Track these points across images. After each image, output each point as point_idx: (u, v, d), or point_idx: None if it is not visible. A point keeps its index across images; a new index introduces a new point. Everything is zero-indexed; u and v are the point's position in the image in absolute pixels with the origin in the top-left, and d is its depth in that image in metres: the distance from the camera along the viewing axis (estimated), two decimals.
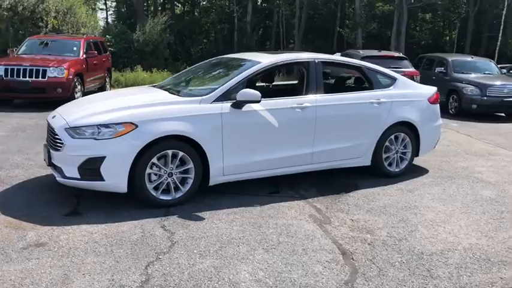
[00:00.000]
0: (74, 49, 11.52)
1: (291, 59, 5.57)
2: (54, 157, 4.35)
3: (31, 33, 15.32)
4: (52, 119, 4.64)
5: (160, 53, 22.10)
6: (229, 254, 3.48)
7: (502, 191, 5.33)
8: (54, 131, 4.36)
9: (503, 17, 23.30)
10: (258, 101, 4.57)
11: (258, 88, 5.65)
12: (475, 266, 3.47)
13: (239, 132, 4.61)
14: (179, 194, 4.42)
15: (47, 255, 3.33)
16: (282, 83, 7.11)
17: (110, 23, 34.55)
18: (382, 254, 3.60)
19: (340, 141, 5.23)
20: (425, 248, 3.72)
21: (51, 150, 4.39)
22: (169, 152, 4.30)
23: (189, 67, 6.55)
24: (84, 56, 11.46)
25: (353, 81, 6.51)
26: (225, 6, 32.96)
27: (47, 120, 4.75)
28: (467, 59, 13.74)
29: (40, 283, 2.97)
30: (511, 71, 17.68)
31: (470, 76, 12.21)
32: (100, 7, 37.92)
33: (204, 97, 4.56)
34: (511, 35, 29.85)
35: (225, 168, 4.57)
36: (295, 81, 6.72)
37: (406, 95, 5.72)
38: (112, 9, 38.78)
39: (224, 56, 6.24)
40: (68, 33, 16.28)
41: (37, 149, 6.09)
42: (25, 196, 4.56)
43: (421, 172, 5.98)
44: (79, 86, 10.79)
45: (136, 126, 4.16)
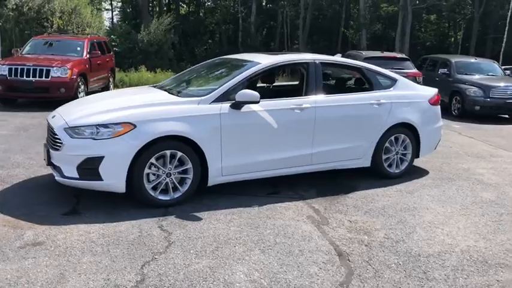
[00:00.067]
0: (78, 49, 11.58)
1: (291, 60, 5.58)
2: (54, 157, 4.37)
3: (36, 33, 15.39)
4: (52, 118, 4.66)
5: (164, 53, 22.15)
6: (226, 255, 3.49)
7: (502, 193, 5.30)
8: (54, 131, 4.38)
9: (508, 18, 23.11)
10: (257, 101, 4.57)
11: (259, 89, 5.67)
12: (472, 268, 3.46)
13: (238, 132, 4.61)
14: (177, 194, 4.43)
15: (44, 255, 3.35)
16: (283, 84, 7.11)
17: (115, 23, 34.68)
18: (378, 255, 3.60)
19: (339, 142, 5.22)
20: (422, 250, 3.71)
21: (51, 150, 4.41)
22: (168, 152, 4.31)
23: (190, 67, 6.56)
24: (87, 56, 11.52)
25: (353, 82, 6.50)
26: (230, 6, 33.10)
27: (47, 119, 4.77)
28: (470, 60, 13.68)
29: (36, 282, 2.99)
30: None
31: (474, 77, 12.15)
32: (106, 7, 38.16)
33: (203, 98, 4.56)
34: None
35: (223, 168, 4.58)
36: (296, 82, 6.72)
37: (406, 96, 5.70)
38: (117, 10, 38.97)
39: (224, 57, 6.24)
40: (73, 34, 16.38)
41: (38, 148, 6.11)
42: (24, 195, 4.59)
43: (421, 173, 5.96)
44: (82, 86, 10.85)
45: (134, 126, 4.18)
